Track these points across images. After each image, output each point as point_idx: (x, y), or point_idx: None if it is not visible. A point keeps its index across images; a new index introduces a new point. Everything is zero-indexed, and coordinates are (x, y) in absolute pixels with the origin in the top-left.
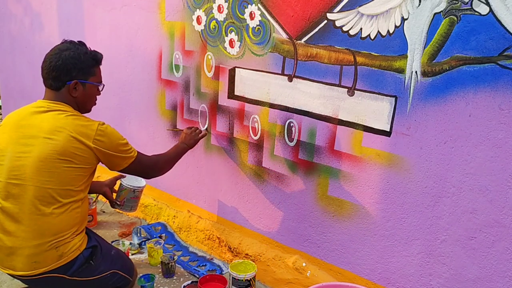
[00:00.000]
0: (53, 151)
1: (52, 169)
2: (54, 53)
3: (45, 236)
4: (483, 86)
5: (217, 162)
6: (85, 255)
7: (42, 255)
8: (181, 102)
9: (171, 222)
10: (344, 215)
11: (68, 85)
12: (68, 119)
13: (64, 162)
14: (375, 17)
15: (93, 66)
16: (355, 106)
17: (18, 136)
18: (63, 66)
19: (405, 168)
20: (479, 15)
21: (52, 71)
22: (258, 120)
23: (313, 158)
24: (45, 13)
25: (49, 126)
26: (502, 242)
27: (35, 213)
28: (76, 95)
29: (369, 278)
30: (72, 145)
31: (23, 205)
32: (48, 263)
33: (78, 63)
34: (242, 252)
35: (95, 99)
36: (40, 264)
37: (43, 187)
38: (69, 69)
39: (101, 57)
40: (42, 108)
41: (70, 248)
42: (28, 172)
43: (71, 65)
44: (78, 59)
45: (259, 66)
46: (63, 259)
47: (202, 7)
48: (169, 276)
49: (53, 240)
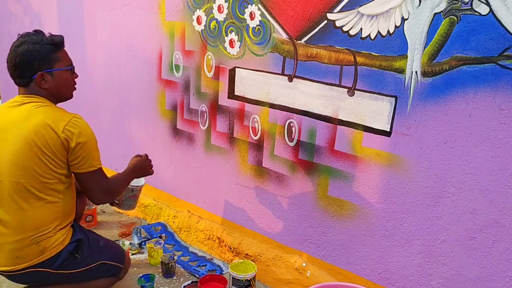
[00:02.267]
0: (24, 142)
1: (25, 162)
2: (11, 52)
3: (26, 231)
4: (483, 86)
5: (217, 162)
6: (69, 249)
7: (23, 250)
8: (181, 102)
9: (171, 222)
10: (344, 215)
11: (34, 79)
12: (42, 109)
13: (35, 155)
14: (375, 17)
15: (53, 52)
16: (355, 106)
17: None
18: (21, 63)
19: (405, 168)
20: (479, 15)
21: (15, 70)
22: (258, 120)
23: (313, 158)
24: (45, 13)
25: (22, 117)
26: (502, 242)
27: (14, 207)
28: (46, 86)
29: (369, 278)
30: (43, 133)
31: (2, 201)
32: (30, 258)
33: (36, 55)
34: (242, 252)
35: (71, 84)
36: (22, 259)
37: (18, 182)
38: (29, 62)
39: (59, 40)
40: (17, 102)
41: (52, 243)
42: (3, 167)
43: (29, 58)
44: (34, 51)
45: (259, 66)
46: (45, 254)
47: (202, 7)
48: (169, 276)
49: (34, 235)
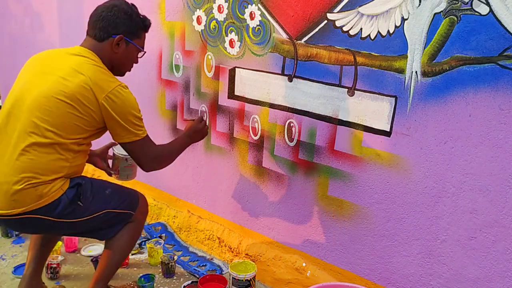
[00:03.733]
0: (61, 92)
1: (53, 108)
2: (107, 5)
3: (24, 172)
4: (483, 86)
5: (217, 162)
6: (69, 196)
7: (21, 193)
8: (181, 102)
9: (171, 222)
10: (344, 215)
11: (112, 39)
12: (93, 67)
13: (67, 106)
14: (375, 17)
15: (141, 29)
16: (355, 106)
17: (38, 69)
18: (114, 18)
19: (405, 168)
20: (479, 15)
21: (102, 21)
22: (258, 120)
23: (313, 158)
24: (45, 13)
25: (70, 68)
26: (502, 242)
27: (20, 147)
28: (117, 51)
29: (369, 278)
30: (83, 93)
31: (10, 136)
32: (28, 203)
33: (128, 20)
34: (242, 252)
35: (132, 63)
36: (19, 203)
37: (36, 123)
38: (119, 23)
39: (149, 23)
40: (75, 52)
41: (50, 189)
42: (28, 104)
43: (122, 19)
44: (130, 16)
45: (259, 66)
46: (43, 199)
47: (202, 7)
48: (169, 276)
49: (31, 178)
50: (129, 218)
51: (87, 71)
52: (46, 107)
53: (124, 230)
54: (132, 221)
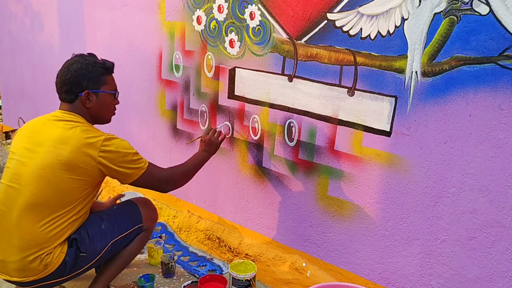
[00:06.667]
0: (56, 161)
1: (51, 177)
2: (63, 69)
3: (31, 247)
4: (483, 86)
5: (217, 162)
6: (71, 256)
7: (28, 266)
8: (181, 102)
9: (171, 222)
10: (344, 215)
11: (80, 97)
12: (77, 130)
13: (65, 173)
14: (375, 17)
15: (102, 75)
16: (355, 106)
17: (28, 141)
18: (72, 79)
19: (405, 168)
20: (479, 15)
21: (64, 85)
22: (258, 120)
23: (313, 158)
24: (45, 13)
25: (57, 136)
26: (502, 242)
27: (24, 219)
28: (90, 105)
29: (369, 278)
30: (77, 157)
31: (11, 211)
32: (35, 273)
33: (87, 74)
34: (242, 252)
35: (112, 108)
36: (29, 273)
37: (38, 194)
38: (79, 80)
39: (110, 65)
40: (56, 117)
41: (52, 257)
42: (26, 177)
43: (80, 76)
44: (86, 70)
45: (259, 66)
46: (49, 268)
47: (202, 7)
48: (169, 276)
49: (37, 252)
50: (139, 231)
51: (72, 135)
52: (45, 177)
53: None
54: (144, 230)
